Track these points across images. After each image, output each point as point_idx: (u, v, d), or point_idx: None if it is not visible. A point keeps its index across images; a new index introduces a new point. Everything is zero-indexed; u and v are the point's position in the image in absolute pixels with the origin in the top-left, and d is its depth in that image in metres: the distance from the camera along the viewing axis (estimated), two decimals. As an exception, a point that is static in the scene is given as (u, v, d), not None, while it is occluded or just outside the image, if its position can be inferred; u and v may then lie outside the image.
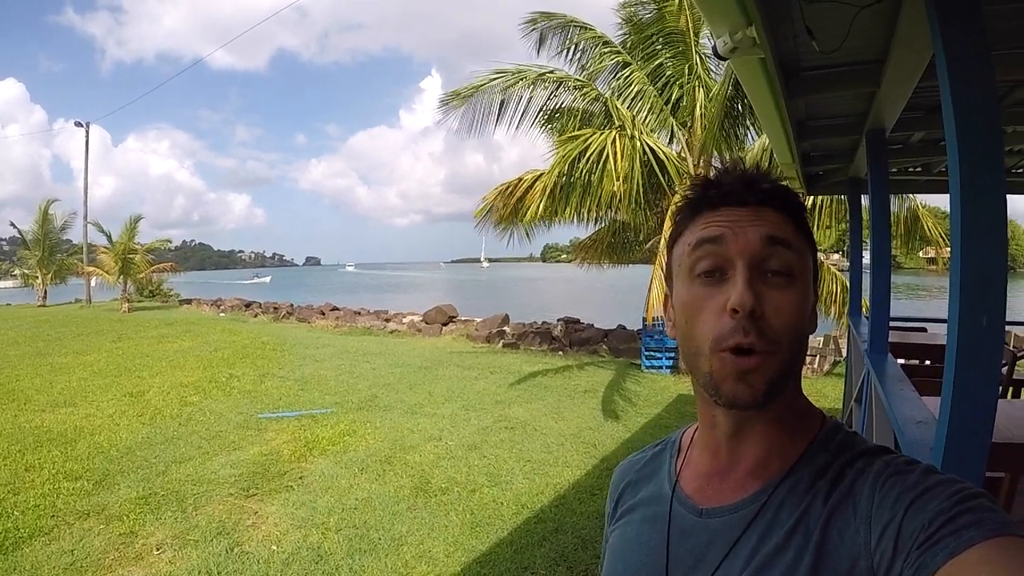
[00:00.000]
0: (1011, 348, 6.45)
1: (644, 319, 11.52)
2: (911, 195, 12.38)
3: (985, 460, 1.85)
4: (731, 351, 0.82)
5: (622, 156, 9.91)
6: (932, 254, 15.26)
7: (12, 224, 33.65)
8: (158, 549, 4.77)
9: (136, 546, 4.82)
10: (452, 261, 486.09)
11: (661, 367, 12.38)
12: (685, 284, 0.89)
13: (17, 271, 38.30)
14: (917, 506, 0.71)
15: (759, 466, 0.88)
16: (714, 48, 2.75)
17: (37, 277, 32.62)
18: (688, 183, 0.95)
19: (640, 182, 10.34)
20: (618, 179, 9.95)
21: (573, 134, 10.75)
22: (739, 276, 0.83)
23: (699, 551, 0.88)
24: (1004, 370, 5.93)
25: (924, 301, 39.02)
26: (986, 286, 1.78)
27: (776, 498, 0.84)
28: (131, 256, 29.00)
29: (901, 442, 2.75)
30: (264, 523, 5.23)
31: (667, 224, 9.91)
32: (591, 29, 12.04)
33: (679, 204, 0.95)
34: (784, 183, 0.91)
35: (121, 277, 28.68)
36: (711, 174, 0.93)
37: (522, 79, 11.18)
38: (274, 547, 4.80)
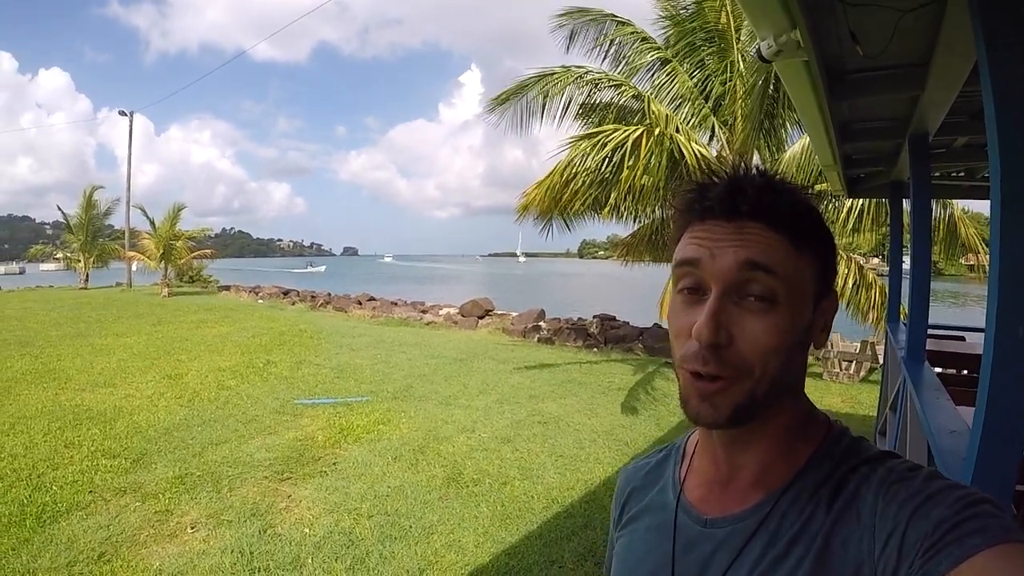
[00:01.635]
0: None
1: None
2: (952, 201, 12.17)
3: (1015, 471, 1.83)
4: (692, 373, 0.82)
5: (645, 154, 9.85)
6: (972, 261, 14.97)
7: (59, 208, 34.29)
8: (192, 528, 4.85)
9: (171, 524, 4.90)
10: (488, 255, 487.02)
11: (696, 366, 12.16)
12: (672, 294, 0.89)
13: (60, 254, 39.02)
14: (921, 513, 0.70)
15: (761, 475, 0.88)
16: (758, 51, 2.76)
17: (80, 260, 33.28)
18: (683, 186, 0.92)
19: (664, 178, 10.32)
20: (640, 174, 9.90)
21: (590, 131, 10.73)
22: (708, 304, 0.81)
23: (704, 561, 0.88)
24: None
25: (963, 309, 38.34)
26: None
27: (779, 508, 0.84)
28: (173, 242, 29.44)
29: (934, 451, 2.71)
30: (297, 506, 5.28)
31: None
32: (629, 24, 11.97)
33: (674, 208, 0.92)
34: (781, 186, 0.85)
35: (162, 262, 29.11)
36: (703, 179, 0.89)
37: (561, 79, 11.23)
38: (306, 530, 4.85)
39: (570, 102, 11.71)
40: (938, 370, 5.33)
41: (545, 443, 7.15)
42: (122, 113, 36.73)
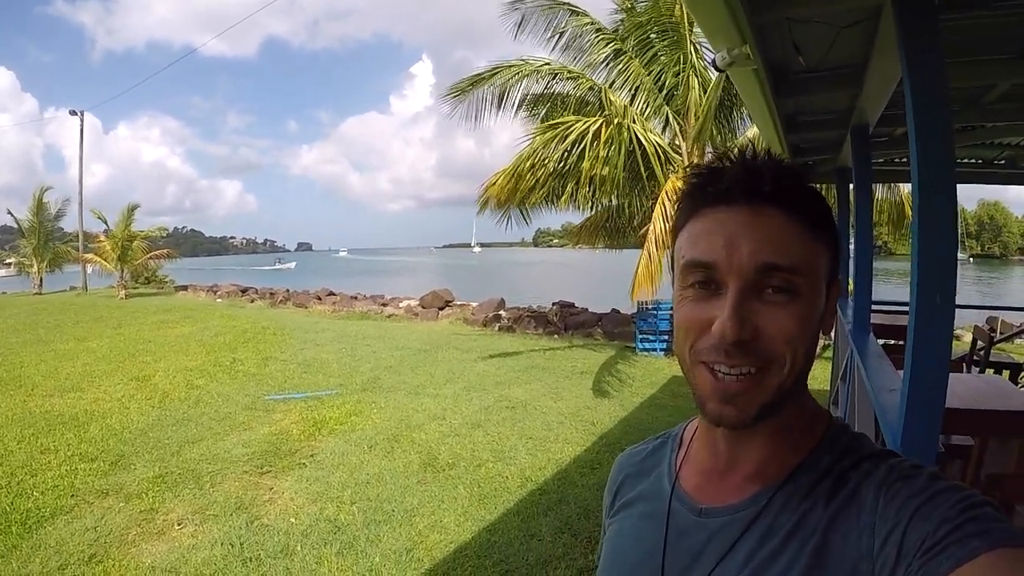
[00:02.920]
0: (987, 331, 6.73)
1: (642, 302, 11.70)
2: (899, 185, 12.55)
3: (940, 420, 2.10)
4: (709, 369, 0.81)
5: (604, 143, 10.05)
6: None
7: (9, 212, 33.54)
8: (179, 524, 4.95)
9: (157, 522, 4.99)
10: (443, 246, 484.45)
11: (655, 349, 12.54)
12: (679, 287, 0.86)
13: (11, 259, 38.20)
14: (922, 513, 0.70)
15: (760, 467, 0.87)
16: (713, 61, 2.99)
17: (32, 265, 32.57)
18: (690, 170, 0.89)
19: (623, 168, 10.62)
20: (599, 165, 10.12)
21: (553, 122, 10.98)
22: (729, 300, 0.79)
23: (696, 551, 0.88)
24: (981, 352, 6.24)
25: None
26: (939, 267, 2.03)
27: (776, 501, 0.83)
28: (128, 243, 29.02)
29: (876, 408, 2.98)
30: (280, 498, 5.42)
31: (657, 211, 10.11)
32: (584, 15, 12.04)
33: (680, 192, 0.90)
34: (800, 172, 0.85)
35: (119, 264, 28.70)
36: (714, 162, 0.86)
37: (520, 71, 11.41)
38: (292, 520, 5.00)
39: (527, 94, 11.94)
40: (884, 342, 5.66)
41: (514, 427, 7.37)
42: (73, 113, 35.97)
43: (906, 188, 12.98)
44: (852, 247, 5.79)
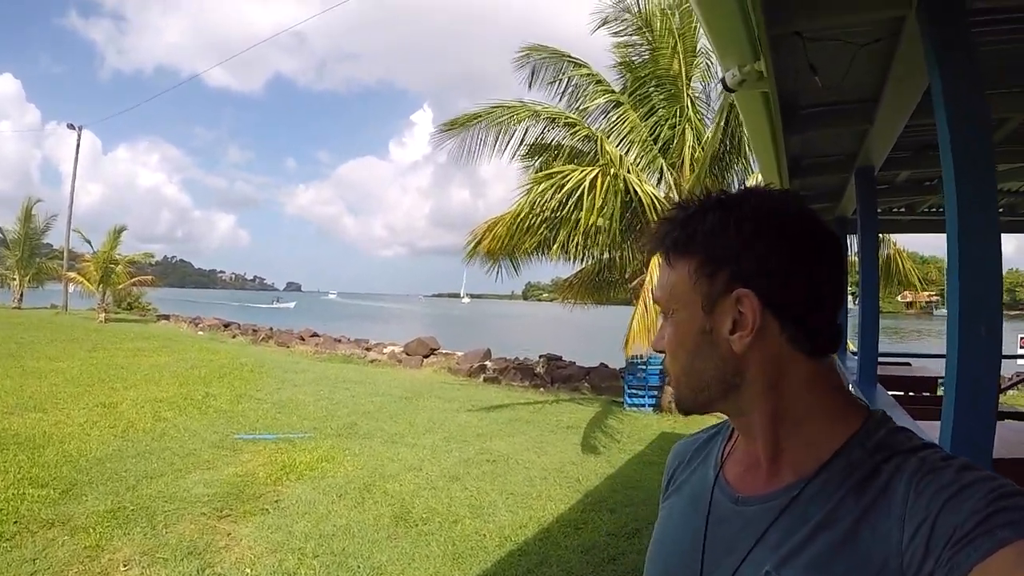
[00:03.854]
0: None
1: (632, 357, 11.52)
2: (890, 238, 12.60)
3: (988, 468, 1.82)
4: None
5: (601, 193, 9.98)
6: (910, 298, 15.63)
7: (-6, 219, 33.32)
8: (125, 565, 4.59)
9: (102, 560, 4.64)
10: (432, 295, 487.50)
11: (643, 405, 12.32)
12: None
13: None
14: (951, 506, 0.70)
15: (794, 459, 0.89)
16: (723, 80, 2.96)
17: (15, 278, 32.24)
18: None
19: (618, 219, 10.63)
20: (594, 215, 10.05)
21: (550, 171, 10.96)
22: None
23: (732, 538, 0.91)
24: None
25: (906, 343, 39.53)
26: (983, 294, 1.84)
27: (808, 492, 0.84)
28: (112, 266, 28.72)
29: None
30: (237, 545, 5.06)
31: (653, 262, 9.98)
32: (584, 66, 12.31)
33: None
34: (667, 214, 0.97)
35: (101, 286, 28.35)
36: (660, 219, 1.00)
37: (518, 113, 11.50)
38: (247, 570, 4.64)
39: (523, 139, 12.04)
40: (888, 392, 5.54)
41: (495, 481, 7.04)
42: (71, 127, 36.10)
43: (898, 240, 13.01)
44: (852, 300, 5.78)
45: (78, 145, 35.78)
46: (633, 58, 12.54)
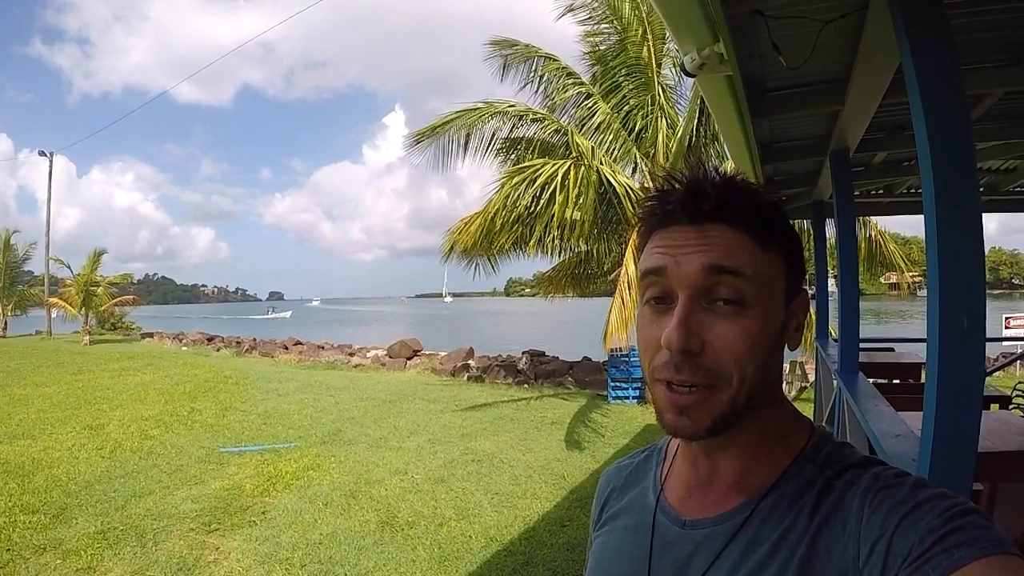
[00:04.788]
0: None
1: (612, 350, 11.57)
2: (872, 220, 12.52)
3: (973, 465, 1.83)
4: (666, 384, 0.80)
5: (575, 185, 10.03)
6: (894, 279, 15.48)
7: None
8: (116, 585, 4.65)
9: (94, 582, 4.68)
10: (415, 296, 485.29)
11: (627, 398, 12.42)
12: (639, 305, 0.87)
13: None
14: (907, 523, 0.68)
15: (742, 478, 0.85)
16: (682, 65, 2.82)
17: (-3, 307, 32.07)
18: (643, 194, 0.90)
19: (593, 211, 10.67)
20: (570, 208, 10.09)
21: (521, 165, 10.97)
22: (677, 310, 0.79)
23: (681, 563, 0.86)
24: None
25: (887, 326, 39.42)
26: (966, 283, 1.78)
27: (760, 512, 0.81)
28: (94, 288, 28.61)
29: (880, 456, 2.75)
30: (226, 559, 5.13)
31: (628, 255, 10.06)
32: (555, 60, 12.31)
33: (637, 217, 0.91)
34: (742, 184, 0.84)
35: (83, 309, 28.24)
36: (664, 184, 0.86)
37: (485, 114, 11.51)
38: (236, 583, 4.70)
39: (493, 137, 12.04)
40: (871, 380, 5.51)
41: (480, 481, 7.12)
42: (42, 154, 35.83)
43: (881, 222, 12.99)
44: (832, 285, 5.71)
45: (50, 172, 35.63)
46: (602, 47, 12.50)
